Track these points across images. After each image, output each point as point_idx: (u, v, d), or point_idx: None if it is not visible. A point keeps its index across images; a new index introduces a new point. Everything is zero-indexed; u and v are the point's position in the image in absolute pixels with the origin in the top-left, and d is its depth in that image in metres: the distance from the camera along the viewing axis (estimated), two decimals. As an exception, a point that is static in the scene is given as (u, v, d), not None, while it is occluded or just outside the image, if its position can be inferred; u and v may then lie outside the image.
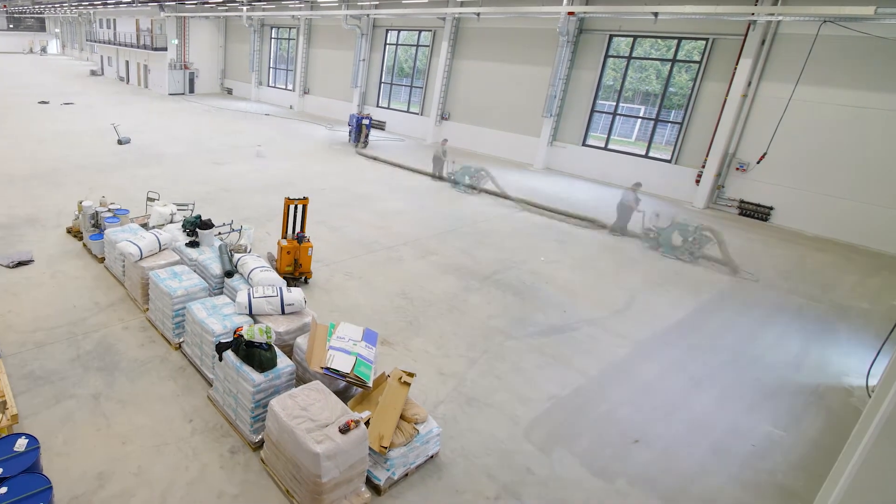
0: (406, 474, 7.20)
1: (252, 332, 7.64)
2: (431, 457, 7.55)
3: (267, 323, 8.57)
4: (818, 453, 8.52)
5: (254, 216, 17.18)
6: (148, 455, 7.61)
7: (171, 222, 13.35)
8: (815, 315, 13.37)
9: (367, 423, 6.89)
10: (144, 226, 13.11)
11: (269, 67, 47.97)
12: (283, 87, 46.30)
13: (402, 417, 7.28)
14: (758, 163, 20.28)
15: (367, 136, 29.47)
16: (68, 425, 8.12)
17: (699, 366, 10.95)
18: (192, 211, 14.41)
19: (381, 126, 35.64)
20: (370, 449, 6.69)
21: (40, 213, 16.57)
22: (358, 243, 15.84)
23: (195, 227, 12.23)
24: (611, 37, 24.48)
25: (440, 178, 22.80)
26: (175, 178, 21.82)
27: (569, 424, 8.94)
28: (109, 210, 14.09)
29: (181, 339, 10.01)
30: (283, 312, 9.27)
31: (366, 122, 29.47)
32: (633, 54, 24.21)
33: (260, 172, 24.02)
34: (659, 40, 23.68)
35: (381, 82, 36.95)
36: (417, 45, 34.24)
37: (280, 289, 9.48)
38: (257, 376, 7.36)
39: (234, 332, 8.02)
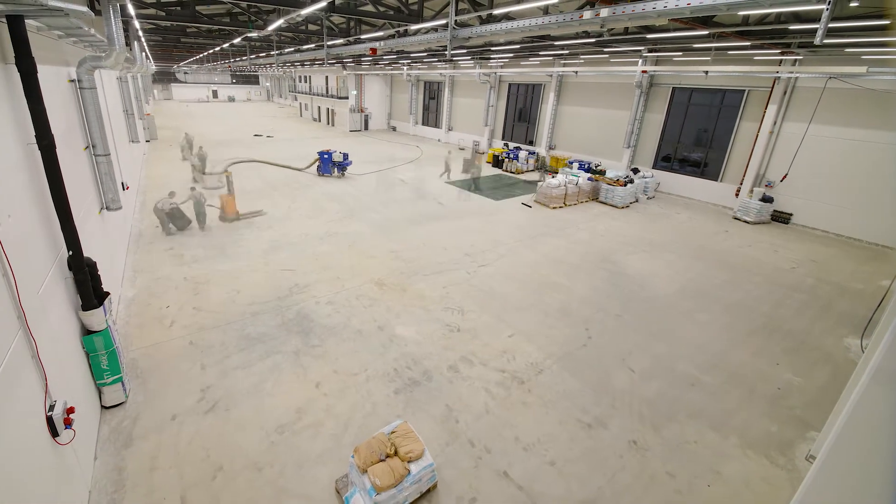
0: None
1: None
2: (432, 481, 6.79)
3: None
4: (825, 394, 9.30)
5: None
6: (334, 396, 8.50)
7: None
8: (823, 292, 14.27)
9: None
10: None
11: (423, 111, 50.48)
12: (434, 125, 48.97)
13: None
14: (781, 181, 22.12)
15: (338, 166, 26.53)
16: (275, 373, 9.06)
17: (738, 330, 11.74)
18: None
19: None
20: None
21: (256, 218, 18.57)
22: (494, 241, 17.37)
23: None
24: (674, 89, 26.37)
25: None
26: (363, 187, 24.77)
27: (644, 374, 9.72)
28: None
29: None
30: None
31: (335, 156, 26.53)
32: (690, 102, 25.83)
33: (415, 177, 27.47)
34: (709, 92, 24.82)
35: (505, 121, 39.04)
36: (532, 95, 36.09)
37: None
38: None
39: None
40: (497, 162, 33.43)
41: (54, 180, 6.34)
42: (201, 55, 47.89)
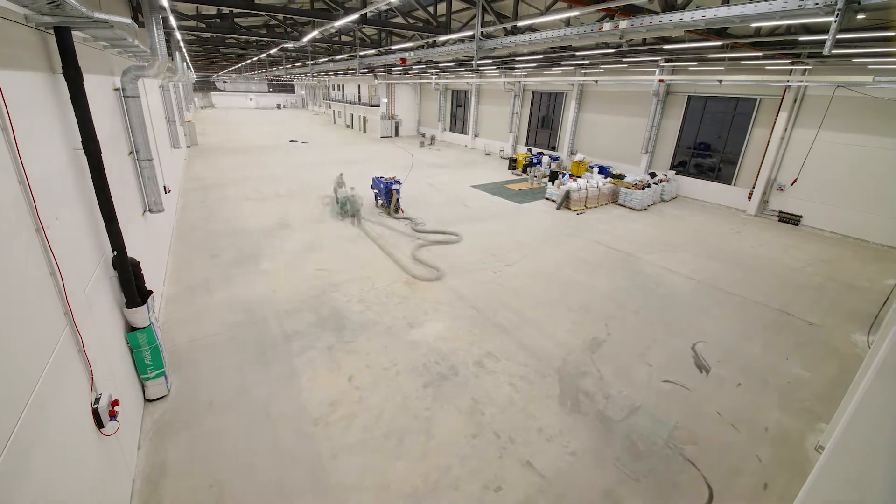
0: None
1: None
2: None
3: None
4: (833, 387, 9.25)
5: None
6: (367, 389, 8.53)
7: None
8: (831, 290, 14.23)
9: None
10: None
11: (451, 118, 50.43)
12: (461, 131, 48.79)
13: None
14: (791, 185, 22.08)
15: (398, 201, 20.40)
16: (310, 368, 9.09)
17: (750, 326, 11.70)
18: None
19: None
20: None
21: (290, 219, 18.88)
22: (518, 242, 17.71)
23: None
24: (689, 97, 26.16)
25: None
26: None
27: (661, 368, 9.72)
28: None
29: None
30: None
31: (395, 187, 20.20)
32: (705, 109, 25.64)
33: (443, 181, 27.64)
34: (723, 99, 24.68)
35: (528, 128, 38.94)
36: (554, 102, 36.04)
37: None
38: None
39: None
40: (512, 166, 33.73)
41: (100, 184, 6.38)
42: (240, 65, 48.09)
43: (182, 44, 21.25)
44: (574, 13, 10.15)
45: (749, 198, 23.93)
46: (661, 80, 24.96)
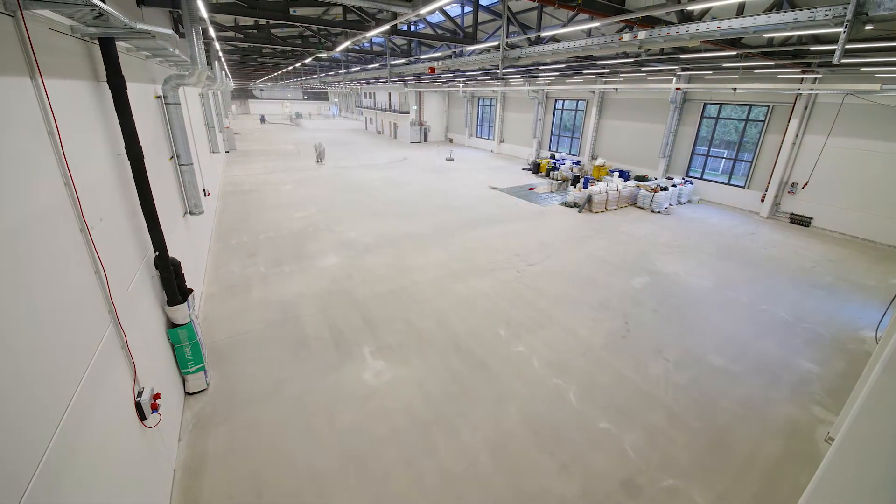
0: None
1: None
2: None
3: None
4: (842, 382, 9.14)
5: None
6: (399, 385, 8.48)
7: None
8: (840, 289, 14.00)
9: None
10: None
11: (477, 124, 49.81)
12: (486, 137, 48.29)
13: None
14: (802, 188, 21.63)
15: None
16: (344, 365, 9.07)
17: (763, 324, 11.52)
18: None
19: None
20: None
21: (311, 222, 18.67)
22: (540, 242, 17.71)
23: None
24: (705, 104, 25.65)
25: None
26: (423, 193, 25.21)
27: (677, 363, 9.55)
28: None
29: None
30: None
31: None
32: (720, 116, 25.22)
33: (469, 184, 27.69)
34: (737, 106, 24.27)
35: (552, 134, 38.40)
36: (576, 110, 35.48)
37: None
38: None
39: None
40: (535, 170, 33.74)
41: (142, 187, 6.33)
42: (276, 73, 47.88)
43: (221, 53, 21.32)
44: (595, 24, 10.05)
45: (762, 200, 23.41)
46: (677, 88, 24.41)
